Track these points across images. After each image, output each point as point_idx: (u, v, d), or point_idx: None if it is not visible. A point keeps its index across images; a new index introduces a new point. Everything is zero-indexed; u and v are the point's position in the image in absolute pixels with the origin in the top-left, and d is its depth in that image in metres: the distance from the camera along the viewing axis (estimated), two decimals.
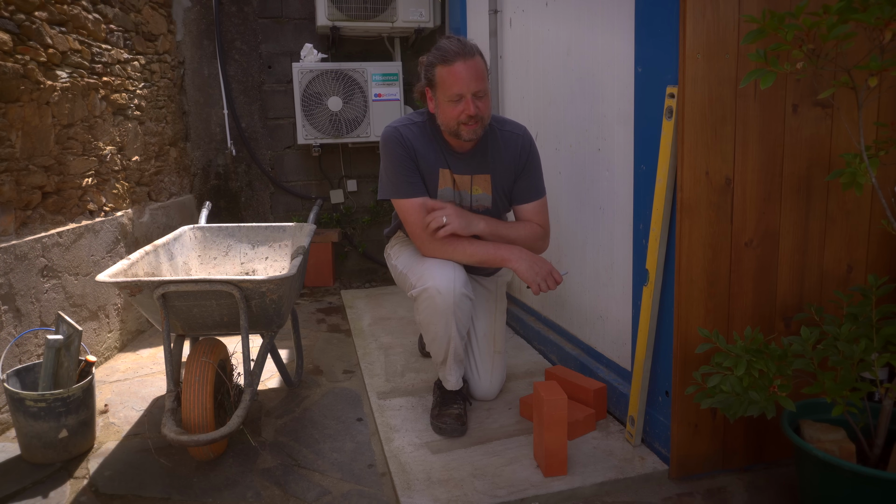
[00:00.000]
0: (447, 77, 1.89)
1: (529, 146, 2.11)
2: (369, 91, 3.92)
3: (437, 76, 1.92)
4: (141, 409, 2.43)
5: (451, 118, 1.92)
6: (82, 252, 2.71)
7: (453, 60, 1.87)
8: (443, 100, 1.92)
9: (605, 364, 2.29)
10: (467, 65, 1.87)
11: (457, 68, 1.87)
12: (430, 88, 1.97)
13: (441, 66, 1.89)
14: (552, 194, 2.49)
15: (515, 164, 2.09)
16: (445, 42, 1.93)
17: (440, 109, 1.95)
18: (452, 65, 1.87)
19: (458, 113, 1.90)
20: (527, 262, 1.95)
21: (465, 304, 2.00)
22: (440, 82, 1.91)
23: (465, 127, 1.92)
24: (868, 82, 1.42)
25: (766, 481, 1.81)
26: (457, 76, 1.87)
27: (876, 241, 1.84)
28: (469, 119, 1.90)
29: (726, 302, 1.76)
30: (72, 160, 2.65)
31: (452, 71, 1.87)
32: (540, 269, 1.94)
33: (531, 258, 1.96)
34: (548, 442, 1.77)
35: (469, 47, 1.90)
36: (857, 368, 1.51)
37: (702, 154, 1.67)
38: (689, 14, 1.59)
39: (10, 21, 2.24)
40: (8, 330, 2.23)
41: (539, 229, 2.12)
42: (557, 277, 1.95)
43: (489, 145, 2.05)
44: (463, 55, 1.87)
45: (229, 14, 4.00)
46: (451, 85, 1.88)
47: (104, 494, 1.86)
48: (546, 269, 1.95)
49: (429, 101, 2.00)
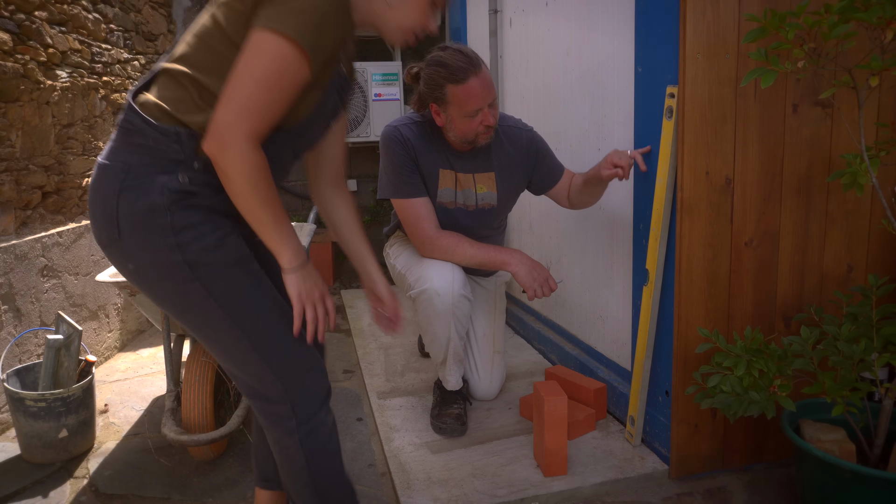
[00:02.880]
0: (462, 96, 1.84)
1: (533, 136, 2.11)
2: (369, 91, 3.92)
3: (449, 95, 1.86)
4: (141, 408, 2.43)
5: (469, 131, 1.91)
6: (82, 252, 2.71)
7: (466, 78, 1.82)
8: (458, 116, 1.89)
9: (605, 364, 2.29)
10: (479, 79, 1.83)
11: (471, 86, 1.83)
12: (437, 105, 1.92)
13: (452, 85, 1.84)
14: None
15: (526, 158, 2.09)
16: (448, 57, 1.86)
17: (454, 125, 1.92)
18: (466, 83, 1.82)
19: (476, 125, 1.89)
20: (526, 266, 1.95)
21: (464, 304, 2.00)
22: (454, 101, 1.86)
23: (483, 136, 1.93)
24: (869, 82, 1.42)
25: (766, 481, 1.81)
26: (472, 94, 1.84)
27: (876, 241, 1.84)
28: (487, 129, 1.91)
29: (726, 302, 1.76)
30: (72, 160, 2.65)
31: (467, 89, 1.83)
32: (538, 275, 1.95)
33: (530, 263, 1.96)
34: (548, 442, 1.77)
35: (475, 59, 1.86)
36: (857, 368, 1.51)
37: (702, 154, 1.67)
38: (689, 14, 1.59)
39: (10, 21, 2.24)
40: (8, 330, 2.23)
41: None
42: (553, 285, 1.95)
43: (491, 143, 2.04)
44: (473, 70, 1.83)
45: None
46: (468, 103, 1.85)
47: (104, 494, 1.86)
48: (543, 275, 1.95)
49: (435, 116, 1.95)
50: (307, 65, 1.10)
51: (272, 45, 1.06)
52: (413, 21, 1.26)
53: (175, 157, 1.13)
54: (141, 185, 1.13)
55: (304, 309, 1.21)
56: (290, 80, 1.09)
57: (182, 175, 1.13)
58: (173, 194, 1.13)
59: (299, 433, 1.26)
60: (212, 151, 1.08)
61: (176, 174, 1.13)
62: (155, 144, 1.13)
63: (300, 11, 1.06)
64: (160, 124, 1.13)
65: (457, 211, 2.08)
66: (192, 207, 1.15)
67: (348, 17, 1.15)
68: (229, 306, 1.18)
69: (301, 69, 1.09)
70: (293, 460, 1.29)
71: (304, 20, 1.06)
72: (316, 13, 1.07)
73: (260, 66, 1.07)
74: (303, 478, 1.30)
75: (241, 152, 1.07)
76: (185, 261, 1.14)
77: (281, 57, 1.07)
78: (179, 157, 1.13)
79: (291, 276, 1.19)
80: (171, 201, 1.12)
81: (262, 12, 1.08)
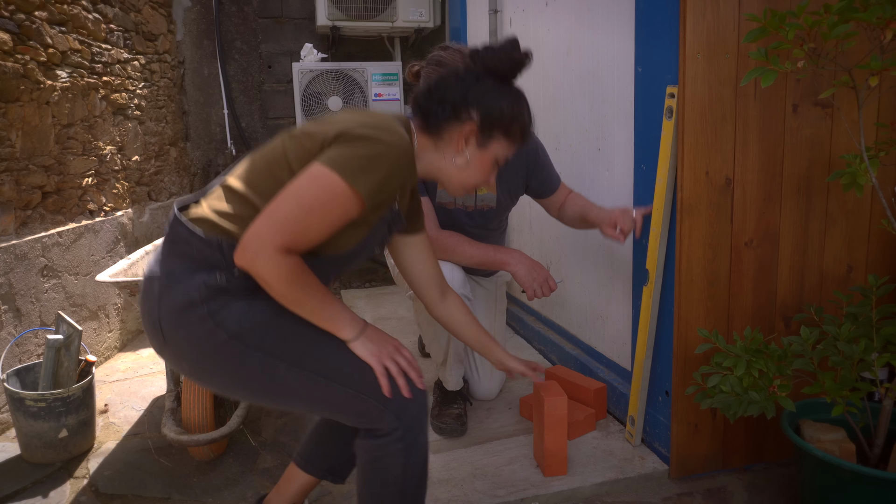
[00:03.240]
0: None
1: (533, 143, 2.10)
2: (369, 91, 3.92)
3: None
4: (141, 408, 2.43)
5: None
6: (82, 252, 2.71)
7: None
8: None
9: (605, 364, 2.29)
10: None
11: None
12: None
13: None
14: None
15: (524, 161, 2.08)
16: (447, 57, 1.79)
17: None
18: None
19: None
20: (525, 266, 1.94)
21: None
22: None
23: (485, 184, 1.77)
24: (868, 82, 1.42)
25: (766, 481, 1.81)
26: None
27: (876, 241, 1.84)
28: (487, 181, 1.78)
29: (726, 302, 1.76)
30: (72, 160, 2.65)
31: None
32: (537, 276, 1.94)
33: (530, 263, 1.95)
34: (548, 442, 1.77)
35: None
36: (857, 368, 1.51)
37: (702, 154, 1.67)
38: (689, 14, 1.59)
39: (10, 21, 2.24)
40: (8, 330, 2.23)
41: None
42: (553, 285, 1.95)
43: None
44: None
45: (229, 14, 4.00)
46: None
47: (104, 494, 1.86)
48: (543, 275, 1.94)
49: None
50: (359, 207, 1.13)
51: (328, 180, 1.10)
52: (478, 179, 1.36)
53: (215, 262, 1.15)
54: (179, 284, 1.15)
55: (384, 367, 1.19)
56: (337, 213, 1.12)
57: (220, 275, 1.15)
58: (209, 290, 1.14)
59: (404, 441, 1.21)
60: (243, 262, 1.10)
61: (214, 273, 1.15)
62: (198, 253, 1.16)
63: (366, 162, 1.10)
64: (205, 236, 1.15)
65: (456, 211, 2.08)
66: (226, 296, 1.16)
67: (412, 170, 1.20)
68: (290, 355, 1.17)
69: (350, 209, 1.12)
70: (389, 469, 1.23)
71: (367, 171, 1.10)
72: (381, 169, 1.12)
73: (309, 191, 1.09)
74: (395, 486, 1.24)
75: (272, 262, 1.08)
76: (230, 337, 1.14)
77: (332, 190, 1.10)
78: (220, 264, 1.15)
79: (356, 345, 1.20)
80: (208, 296, 1.14)
81: (328, 151, 1.13)
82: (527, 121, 1.37)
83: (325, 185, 1.09)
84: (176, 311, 1.15)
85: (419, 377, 1.23)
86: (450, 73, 1.32)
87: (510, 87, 1.34)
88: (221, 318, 1.14)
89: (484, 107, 1.30)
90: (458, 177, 1.35)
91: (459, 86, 1.30)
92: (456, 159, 1.33)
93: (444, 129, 1.31)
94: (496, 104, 1.30)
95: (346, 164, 1.10)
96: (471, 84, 1.30)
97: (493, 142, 1.34)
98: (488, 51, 1.31)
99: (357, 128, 1.14)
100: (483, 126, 1.31)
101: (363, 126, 1.15)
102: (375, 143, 1.12)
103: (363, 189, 1.11)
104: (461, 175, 1.35)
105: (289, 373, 1.17)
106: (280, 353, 1.17)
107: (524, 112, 1.35)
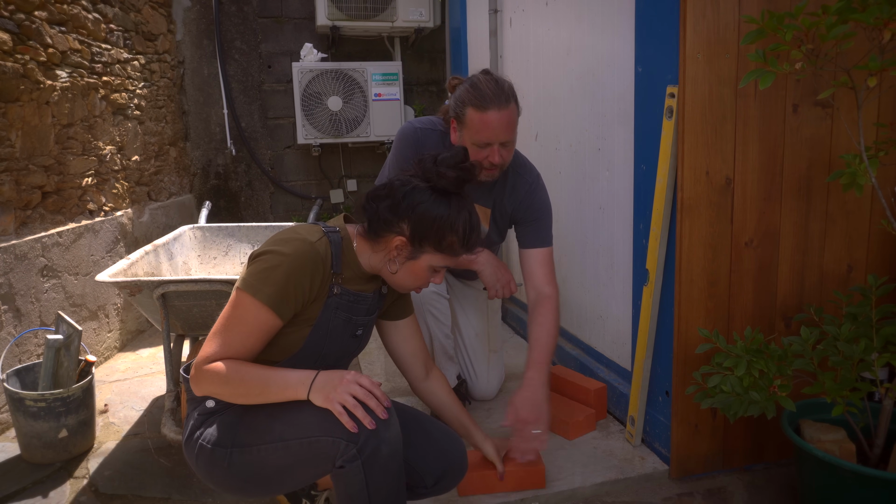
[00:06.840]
0: (478, 123, 1.75)
1: (533, 192, 1.99)
2: (369, 91, 3.92)
3: (467, 117, 1.77)
4: (141, 408, 2.43)
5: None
6: (82, 252, 2.71)
7: (487, 107, 1.73)
8: (468, 141, 1.79)
9: (605, 364, 2.29)
10: (500, 114, 1.73)
11: (489, 117, 1.73)
12: (456, 122, 1.84)
13: (473, 109, 1.75)
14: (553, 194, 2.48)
15: (515, 209, 2.01)
16: (482, 81, 1.78)
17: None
18: (485, 112, 1.73)
19: (482, 158, 1.78)
20: (491, 267, 1.99)
21: (437, 301, 2.04)
22: (469, 124, 1.77)
23: (485, 171, 1.81)
24: (867, 82, 1.42)
25: (766, 481, 1.81)
26: (487, 125, 1.74)
27: (876, 241, 1.84)
28: (491, 166, 1.80)
29: (726, 302, 1.76)
30: (72, 160, 2.65)
31: (484, 119, 1.73)
32: (500, 277, 2.00)
33: (496, 265, 2.00)
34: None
35: (505, 93, 1.76)
36: (857, 368, 1.51)
37: (702, 154, 1.67)
38: (689, 14, 1.59)
39: (9, 21, 2.24)
40: (8, 330, 2.23)
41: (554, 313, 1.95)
42: (513, 288, 2.02)
43: (496, 182, 1.97)
44: (497, 103, 1.73)
45: (229, 14, 4.00)
46: (480, 132, 1.75)
47: (104, 494, 1.86)
48: (506, 278, 2.01)
49: (452, 132, 1.87)
50: (270, 314, 1.26)
51: (237, 297, 1.27)
52: (413, 285, 1.41)
53: None
54: (188, 422, 1.36)
55: (340, 406, 1.21)
56: (250, 323, 1.26)
57: (210, 401, 1.33)
58: (202, 416, 1.33)
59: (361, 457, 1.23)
60: (193, 387, 1.29)
61: (205, 402, 1.34)
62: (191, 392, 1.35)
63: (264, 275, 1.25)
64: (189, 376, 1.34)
65: None
66: (214, 416, 1.34)
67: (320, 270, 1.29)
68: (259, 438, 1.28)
69: (262, 317, 1.26)
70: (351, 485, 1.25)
71: (266, 282, 1.25)
72: (278, 277, 1.25)
73: (226, 312, 1.28)
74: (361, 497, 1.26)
75: (202, 374, 1.25)
76: (213, 446, 1.30)
77: (241, 305, 1.26)
78: None
79: (311, 397, 1.24)
80: (202, 422, 1.33)
81: (242, 274, 1.30)
82: (463, 234, 1.32)
83: (235, 302, 1.27)
84: (185, 442, 1.35)
85: (378, 404, 1.23)
86: (395, 180, 1.35)
87: (452, 197, 1.32)
88: (205, 434, 1.31)
89: (415, 219, 1.30)
90: (393, 281, 1.39)
91: (396, 195, 1.31)
92: (389, 266, 1.36)
93: (381, 235, 1.34)
94: (428, 217, 1.30)
95: (249, 281, 1.26)
96: (406, 194, 1.31)
97: (423, 254, 1.34)
98: (432, 159, 1.33)
99: (262, 247, 1.30)
100: (413, 239, 1.32)
101: (268, 243, 1.30)
102: (272, 256, 1.26)
103: (264, 298, 1.24)
104: (395, 280, 1.39)
105: (261, 453, 1.27)
106: (251, 441, 1.28)
107: (460, 226, 1.31)
